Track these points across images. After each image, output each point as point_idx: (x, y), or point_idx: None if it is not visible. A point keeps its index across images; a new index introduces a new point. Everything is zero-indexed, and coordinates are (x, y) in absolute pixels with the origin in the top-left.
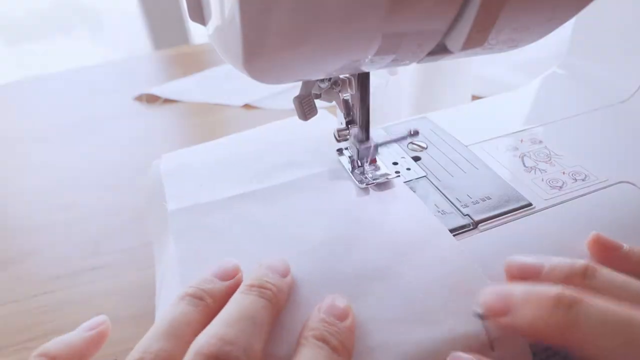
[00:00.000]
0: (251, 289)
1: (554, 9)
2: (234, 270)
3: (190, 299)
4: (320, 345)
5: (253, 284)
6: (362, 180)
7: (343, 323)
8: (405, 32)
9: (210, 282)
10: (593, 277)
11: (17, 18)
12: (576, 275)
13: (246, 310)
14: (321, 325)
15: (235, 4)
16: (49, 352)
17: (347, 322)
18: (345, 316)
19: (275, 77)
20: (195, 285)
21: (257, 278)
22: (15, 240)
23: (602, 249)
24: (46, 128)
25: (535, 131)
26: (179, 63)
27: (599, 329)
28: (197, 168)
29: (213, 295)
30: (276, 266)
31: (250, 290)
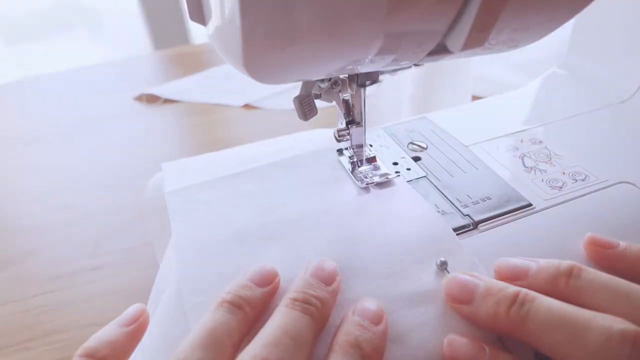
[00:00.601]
0: (294, 304)
1: (554, 10)
2: (271, 275)
3: (228, 307)
4: (352, 353)
5: (297, 299)
6: (362, 180)
7: (377, 327)
8: (405, 32)
9: (248, 289)
10: (578, 277)
11: (17, 18)
12: (562, 275)
13: (289, 328)
14: (355, 330)
15: (235, 4)
16: (96, 352)
17: (381, 326)
18: (379, 320)
19: (275, 77)
20: (233, 291)
21: (301, 290)
22: (15, 240)
23: (597, 248)
24: (46, 128)
25: (535, 131)
26: (179, 63)
27: (545, 324)
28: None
29: (252, 304)
30: (322, 273)
31: (294, 306)
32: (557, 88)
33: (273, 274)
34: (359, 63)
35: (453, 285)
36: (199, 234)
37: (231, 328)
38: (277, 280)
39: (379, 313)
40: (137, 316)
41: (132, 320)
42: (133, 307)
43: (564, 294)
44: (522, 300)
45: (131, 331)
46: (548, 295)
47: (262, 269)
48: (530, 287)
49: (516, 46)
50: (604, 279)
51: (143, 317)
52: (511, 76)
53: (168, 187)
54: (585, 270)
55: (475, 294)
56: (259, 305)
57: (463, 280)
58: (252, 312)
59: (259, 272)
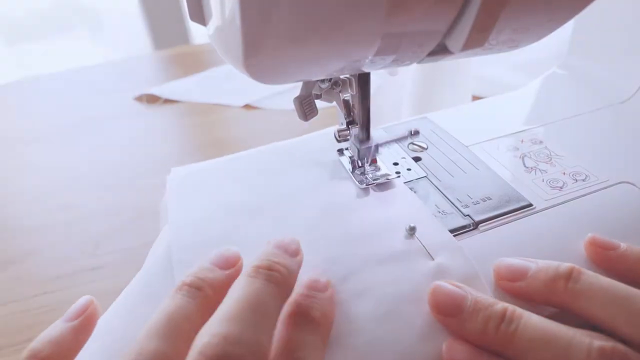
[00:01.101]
0: (258, 270)
1: (554, 10)
2: (234, 257)
3: (187, 290)
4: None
5: (260, 265)
6: (362, 181)
7: (323, 294)
8: (405, 32)
9: (209, 271)
10: (577, 280)
11: (17, 18)
12: (561, 278)
13: (252, 299)
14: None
15: (235, 5)
16: (39, 352)
17: (327, 292)
18: (325, 288)
19: (276, 78)
20: (193, 274)
21: (264, 258)
22: (15, 240)
23: (598, 249)
24: (46, 128)
25: (535, 131)
26: (179, 63)
27: (532, 342)
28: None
29: (213, 285)
30: (286, 244)
31: (257, 274)
32: (558, 88)
33: (236, 256)
34: (359, 63)
35: (440, 297)
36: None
37: (190, 312)
38: (240, 263)
39: (324, 283)
40: (84, 309)
41: (77, 314)
42: (79, 300)
43: (562, 297)
44: (510, 317)
45: (77, 325)
46: (546, 297)
47: (225, 252)
48: (529, 289)
49: (516, 46)
50: (603, 282)
51: (90, 309)
52: (511, 76)
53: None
54: (584, 274)
55: (463, 308)
56: (221, 287)
57: (450, 292)
58: (213, 294)
59: (221, 254)
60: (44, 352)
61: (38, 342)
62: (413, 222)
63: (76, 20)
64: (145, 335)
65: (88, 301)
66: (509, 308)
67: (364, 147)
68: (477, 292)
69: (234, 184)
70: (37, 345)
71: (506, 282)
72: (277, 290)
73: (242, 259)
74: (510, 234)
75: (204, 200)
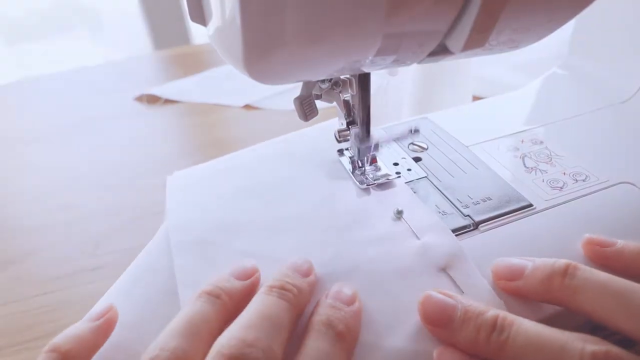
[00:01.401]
0: (272, 290)
1: (554, 10)
2: (251, 270)
3: (207, 297)
4: (325, 331)
5: (274, 285)
6: (362, 181)
7: (350, 307)
8: (405, 32)
9: (227, 281)
10: (573, 276)
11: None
12: (557, 274)
13: (266, 311)
14: (328, 311)
15: (235, 5)
16: (60, 347)
17: (354, 306)
18: (352, 301)
19: (276, 78)
20: (213, 283)
21: (278, 279)
22: (15, 240)
23: (595, 247)
24: (46, 128)
25: (536, 132)
26: (180, 63)
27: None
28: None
29: (230, 294)
30: (298, 266)
31: (271, 292)
32: (558, 88)
33: (253, 269)
34: (359, 63)
35: (429, 307)
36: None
37: (208, 316)
38: (258, 275)
39: (352, 295)
40: (106, 312)
41: (100, 315)
42: (101, 304)
43: (559, 293)
44: (501, 325)
45: (98, 325)
46: (543, 295)
47: (244, 264)
48: (526, 287)
49: (517, 47)
50: (600, 277)
51: (111, 313)
52: (512, 76)
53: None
54: (580, 269)
55: (453, 318)
56: (237, 296)
57: (440, 302)
58: (230, 301)
59: (240, 266)
60: (64, 348)
61: (60, 338)
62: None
63: (76, 20)
64: (167, 334)
65: (109, 306)
66: (500, 315)
67: (364, 146)
68: (468, 300)
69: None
70: (58, 341)
71: (504, 282)
72: (289, 306)
73: (259, 271)
74: (510, 234)
75: (202, 192)
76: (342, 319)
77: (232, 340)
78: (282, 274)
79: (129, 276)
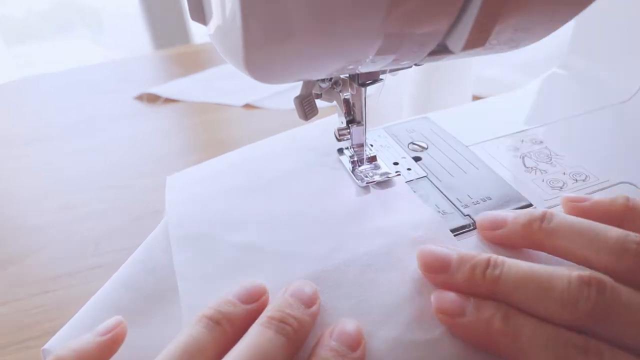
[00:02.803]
0: (271, 322)
1: (554, 10)
2: (258, 292)
3: (207, 322)
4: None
5: (274, 317)
6: (362, 180)
7: (354, 354)
8: (406, 32)
9: (230, 305)
10: (550, 220)
11: (17, 18)
12: (535, 219)
13: (259, 349)
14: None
15: (235, 4)
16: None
17: (358, 352)
18: (357, 345)
19: (276, 77)
20: (215, 307)
21: (278, 309)
22: (15, 240)
23: (572, 202)
24: (46, 128)
25: (535, 131)
26: (180, 63)
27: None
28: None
29: (231, 320)
30: (302, 294)
31: (270, 325)
32: (558, 88)
33: (261, 291)
34: (359, 63)
35: (427, 257)
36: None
37: (205, 345)
38: (265, 297)
39: (357, 337)
40: (114, 327)
41: (107, 330)
42: (111, 319)
43: (538, 236)
44: (494, 263)
45: (104, 341)
46: (524, 238)
47: (250, 285)
48: (510, 233)
49: (517, 46)
50: (574, 220)
51: (120, 328)
52: (512, 76)
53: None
54: (557, 215)
55: (451, 263)
56: (240, 322)
57: (437, 251)
58: (230, 329)
59: (246, 288)
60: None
61: (64, 349)
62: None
63: (77, 20)
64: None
65: (118, 321)
66: (493, 256)
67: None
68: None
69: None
70: (63, 353)
71: (488, 232)
72: (287, 342)
73: (267, 292)
74: None
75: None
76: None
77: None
78: (284, 304)
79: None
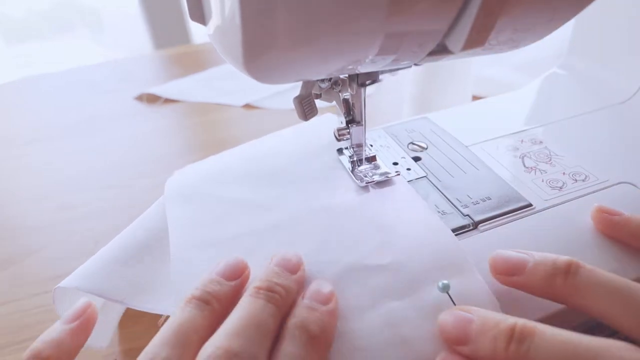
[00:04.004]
0: (259, 292)
1: (554, 10)
2: (240, 268)
3: (196, 303)
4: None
5: (261, 287)
6: (362, 179)
7: (325, 307)
8: (405, 32)
9: (216, 283)
10: (575, 274)
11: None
12: (560, 272)
13: (252, 318)
14: (304, 312)
15: (235, 4)
16: (40, 352)
17: (330, 306)
18: (328, 300)
19: (276, 77)
20: (202, 287)
21: (266, 279)
22: (15, 240)
23: (604, 215)
24: (46, 128)
25: (535, 132)
26: (180, 63)
27: None
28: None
29: (219, 299)
30: (287, 263)
31: (258, 294)
32: (558, 88)
33: (242, 266)
34: (359, 63)
35: (448, 327)
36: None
37: (198, 324)
38: (247, 272)
39: (328, 294)
40: (82, 312)
41: (76, 316)
42: (78, 303)
43: (561, 291)
44: (520, 335)
45: (75, 327)
46: (545, 291)
47: (232, 262)
48: (527, 283)
49: (517, 46)
50: (602, 275)
51: (89, 312)
52: (512, 76)
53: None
54: (582, 267)
55: (471, 332)
56: (227, 299)
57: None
58: (219, 306)
59: (228, 265)
60: (44, 353)
61: (39, 342)
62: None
63: (77, 20)
64: (157, 343)
65: (86, 304)
66: (518, 324)
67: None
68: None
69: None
70: (38, 345)
71: (503, 277)
72: (275, 309)
73: (249, 268)
74: (509, 234)
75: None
76: (316, 321)
77: (218, 350)
78: (270, 273)
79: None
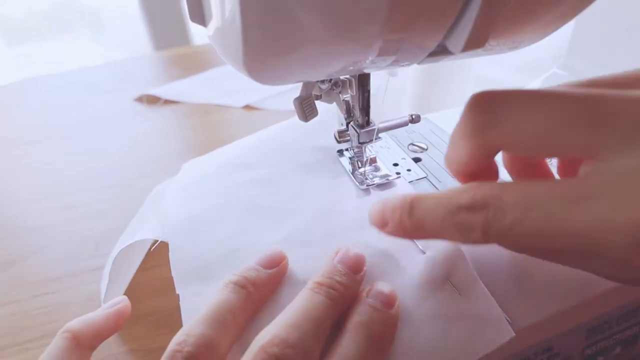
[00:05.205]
0: (320, 288)
1: (554, 10)
2: (279, 258)
3: (233, 287)
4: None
5: (322, 283)
6: (362, 182)
7: (390, 311)
8: (405, 34)
9: (254, 271)
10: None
11: (17, 18)
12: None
13: (311, 312)
14: (368, 311)
15: (235, 5)
16: (71, 328)
17: (393, 310)
18: (392, 304)
19: (276, 79)
20: (240, 273)
21: (327, 275)
22: (15, 240)
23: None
24: (46, 128)
25: None
26: (180, 64)
27: None
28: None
29: (256, 284)
30: (349, 261)
31: (319, 290)
32: None
33: (280, 256)
34: (359, 64)
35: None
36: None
37: (233, 306)
38: (285, 262)
39: (392, 297)
40: (119, 302)
41: (113, 304)
42: (118, 297)
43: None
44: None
45: (109, 313)
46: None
47: (271, 252)
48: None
49: (517, 47)
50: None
51: (124, 304)
52: (512, 77)
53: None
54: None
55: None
56: (264, 286)
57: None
58: (255, 291)
59: (267, 254)
60: (75, 328)
61: (74, 321)
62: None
63: (77, 20)
64: (194, 322)
65: (123, 298)
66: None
67: (364, 131)
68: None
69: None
70: (72, 323)
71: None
72: (334, 306)
73: (286, 258)
74: None
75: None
76: (381, 322)
77: (275, 339)
78: (333, 270)
79: None
